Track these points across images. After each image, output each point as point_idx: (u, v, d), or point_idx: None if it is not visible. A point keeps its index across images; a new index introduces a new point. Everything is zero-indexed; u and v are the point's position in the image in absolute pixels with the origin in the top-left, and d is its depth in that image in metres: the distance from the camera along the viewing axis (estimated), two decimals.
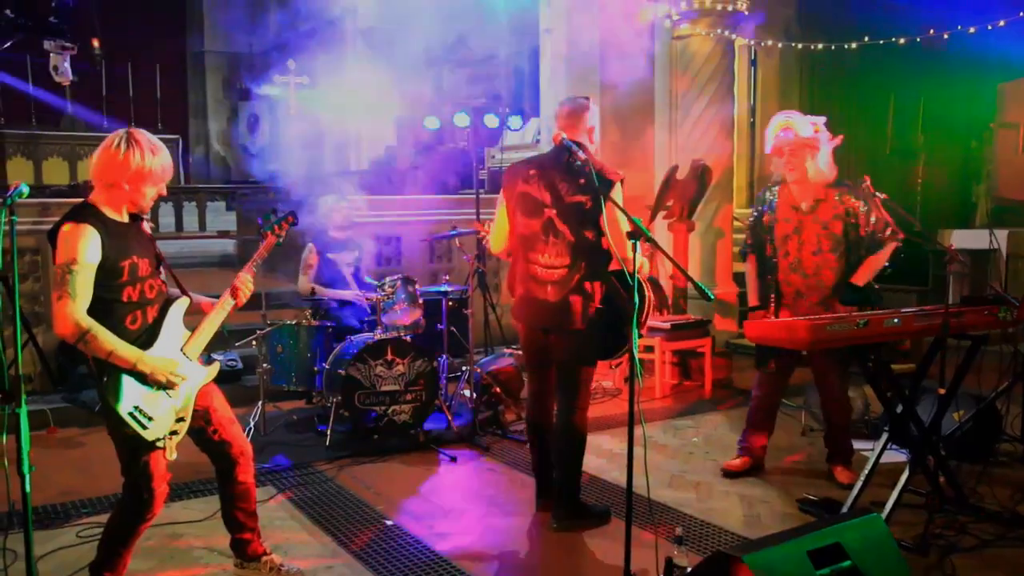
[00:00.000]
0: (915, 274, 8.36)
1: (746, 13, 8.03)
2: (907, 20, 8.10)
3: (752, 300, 4.70)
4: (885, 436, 4.05)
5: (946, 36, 7.74)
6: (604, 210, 3.70)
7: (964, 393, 4.60)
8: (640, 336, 4.00)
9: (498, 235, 4.15)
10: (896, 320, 3.76)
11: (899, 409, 4.08)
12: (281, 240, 3.45)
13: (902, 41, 7.92)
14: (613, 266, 3.92)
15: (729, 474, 4.71)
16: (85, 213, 2.93)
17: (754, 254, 4.70)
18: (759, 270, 4.66)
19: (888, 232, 4.37)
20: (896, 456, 4.44)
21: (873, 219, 4.37)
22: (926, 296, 7.58)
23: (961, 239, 7.83)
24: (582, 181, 3.82)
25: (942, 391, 4.10)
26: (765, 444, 4.80)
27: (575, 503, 4.09)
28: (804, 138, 4.36)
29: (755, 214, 4.72)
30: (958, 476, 4.13)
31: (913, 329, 3.89)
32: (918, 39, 7.90)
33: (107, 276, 2.91)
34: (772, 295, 4.57)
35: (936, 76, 9.71)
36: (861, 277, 4.40)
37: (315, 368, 5.55)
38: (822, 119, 4.53)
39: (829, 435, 4.75)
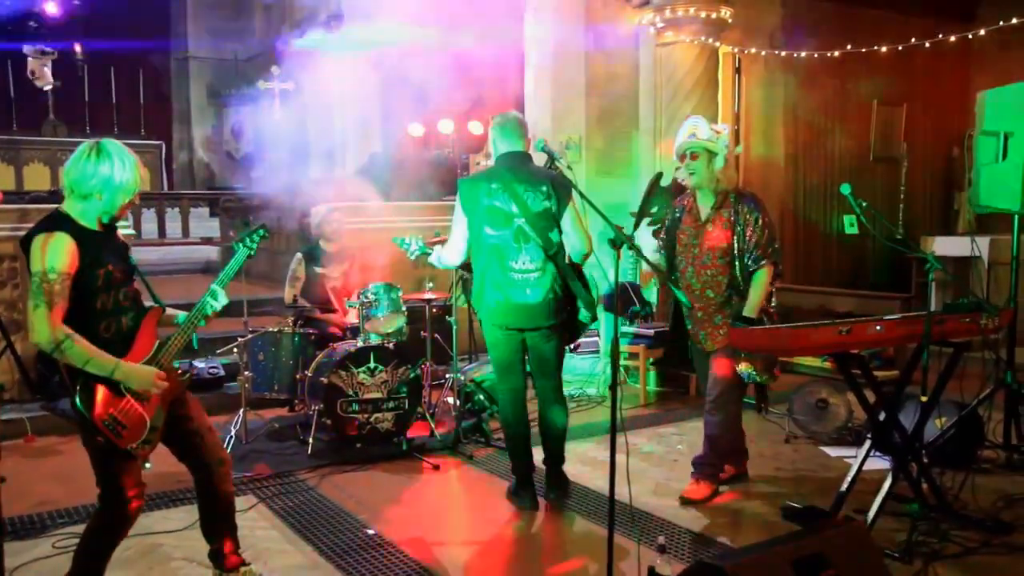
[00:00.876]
0: (898, 281, 8.41)
1: (730, 21, 8.06)
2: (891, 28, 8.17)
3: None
4: (868, 443, 4.05)
5: (927, 44, 7.79)
6: (567, 212, 4.19)
7: (946, 400, 4.61)
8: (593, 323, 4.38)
9: (457, 248, 4.35)
10: (879, 327, 3.76)
11: (882, 416, 4.09)
12: (253, 253, 3.41)
13: (884, 49, 7.96)
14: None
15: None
16: (59, 222, 2.90)
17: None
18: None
19: (769, 251, 4.24)
20: (879, 463, 4.43)
21: (758, 234, 4.24)
22: (909, 303, 7.61)
23: (943, 246, 7.87)
24: (544, 188, 4.18)
25: (924, 398, 4.11)
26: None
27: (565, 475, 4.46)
28: (701, 141, 4.31)
29: (667, 223, 4.65)
30: (941, 483, 4.14)
31: (896, 336, 3.90)
32: (900, 47, 7.95)
33: (81, 284, 2.87)
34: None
35: (918, 84, 9.79)
36: (753, 309, 4.22)
37: (297, 376, 5.51)
38: (726, 126, 4.53)
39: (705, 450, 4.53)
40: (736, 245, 4.29)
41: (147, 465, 3.01)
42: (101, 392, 2.89)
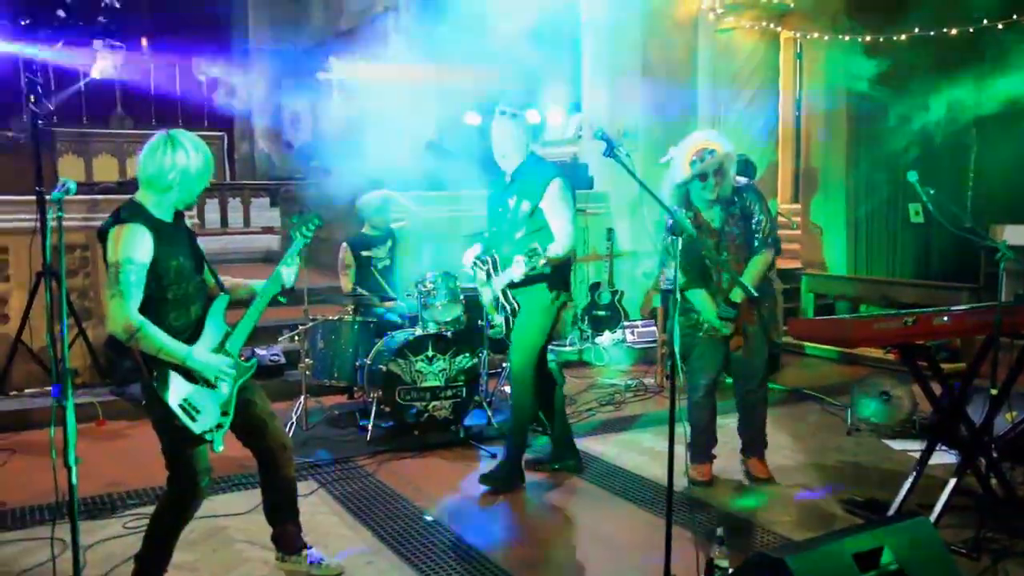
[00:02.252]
0: (966, 271, 8.16)
1: (791, 6, 7.91)
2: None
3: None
4: (934, 436, 3.96)
5: (1000, 26, 7.53)
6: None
7: (1017, 393, 4.47)
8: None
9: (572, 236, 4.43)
10: (946, 318, 3.65)
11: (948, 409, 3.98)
12: (308, 240, 3.46)
13: (954, 32, 7.72)
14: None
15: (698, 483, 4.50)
16: (134, 213, 2.97)
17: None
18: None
19: (771, 240, 4.33)
20: (945, 457, 4.33)
21: (765, 222, 4.34)
22: (977, 294, 7.39)
23: (1015, 235, 7.62)
24: None
25: (994, 391, 3.99)
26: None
27: None
28: (726, 153, 4.22)
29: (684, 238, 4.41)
30: (1011, 478, 4.02)
31: (963, 327, 3.79)
32: (971, 29, 7.69)
33: (154, 275, 2.95)
34: None
35: (990, 66, 9.46)
36: (752, 280, 4.19)
37: (356, 363, 5.58)
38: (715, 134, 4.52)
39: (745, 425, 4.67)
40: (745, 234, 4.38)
41: (219, 447, 3.08)
42: (175, 378, 2.97)
